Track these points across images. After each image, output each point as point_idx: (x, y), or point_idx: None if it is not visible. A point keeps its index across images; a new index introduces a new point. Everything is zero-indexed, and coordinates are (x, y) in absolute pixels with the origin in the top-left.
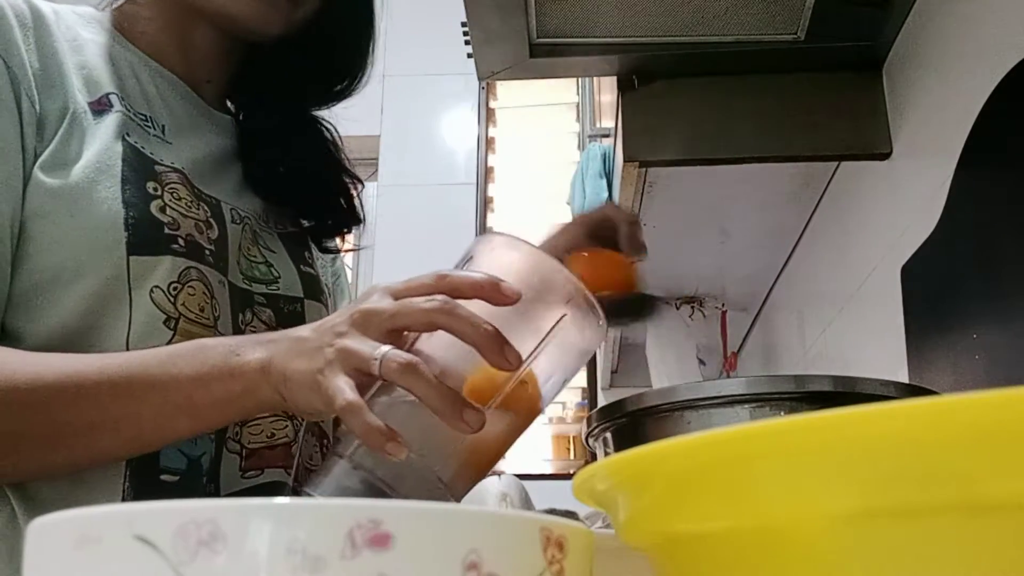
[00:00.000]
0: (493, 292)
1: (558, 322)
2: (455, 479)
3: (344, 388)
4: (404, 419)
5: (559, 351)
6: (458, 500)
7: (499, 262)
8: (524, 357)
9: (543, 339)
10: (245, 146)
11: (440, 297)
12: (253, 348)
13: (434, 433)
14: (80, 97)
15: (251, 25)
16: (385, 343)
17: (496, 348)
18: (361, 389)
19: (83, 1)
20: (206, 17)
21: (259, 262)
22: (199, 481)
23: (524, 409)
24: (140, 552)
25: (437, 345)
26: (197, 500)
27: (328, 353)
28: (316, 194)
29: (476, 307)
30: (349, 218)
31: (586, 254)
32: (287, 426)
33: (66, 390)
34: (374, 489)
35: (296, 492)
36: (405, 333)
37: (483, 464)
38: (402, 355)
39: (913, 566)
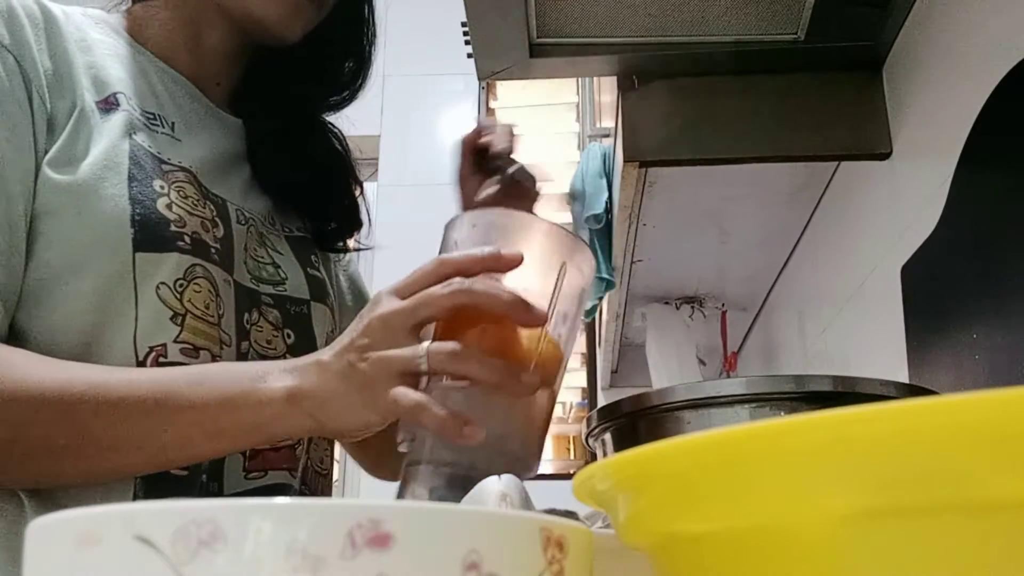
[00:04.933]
0: (496, 261)
1: (561, 270)
2: (526, 447)
3: (405, 392)
4: (462, 404)
5: (568, 296)
6: (537, 460)
7: (486, 236)
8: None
9: (555, 290)
10: (253, 147)
11: (455, 279)
12: (280, 375)
13: (492, 408)
14: (88, 96)
15: (276, 30)
16: (411, 342)
17: (523, 309)
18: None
19: (93, 3)
20: (229, 20)
21: (266, 263)
22: (198, 477)
23: (554, 363)
24: (140, 552)
25: (458, 331)
26: (197, 500)
27: (364, 368)
28: (321, 197)
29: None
30: (352, 222)
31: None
32: None
33: (92, 402)
34: (459, 479)
35: (303, 494)
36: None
37: (543, 426)
38: (446, 345)
39: (913, 566)
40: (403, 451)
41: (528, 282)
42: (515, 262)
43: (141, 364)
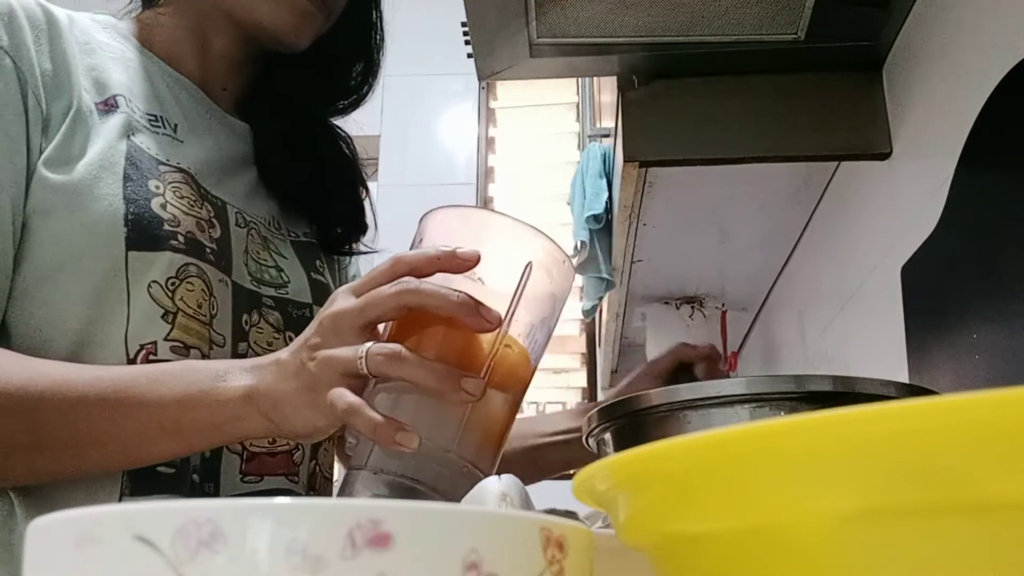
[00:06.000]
0: (451, 260)
1: (525, 271)
2: (477, 456)
3: (341, 393)
4: (407, 410)
5: (534, 301)
6: (488, 474)
7: (450, 233)
8: (502, 315)
9: (516, 291)
10: (260, 150)
11: (403, 279)
12: (239, 375)
13: (440, 415)
14: (87, 97)
15: (285, 37)
16: (361, 342)
17: (472, 311)
18: (355, 393)
19: (101, 8)
20: (237, 27)
21: (269, 266)
22: (187, 475)
23: (518, 370)
24: (140, 552)
25: (412, 333)
26: (197, 500)
27: (311, 367)
28: (328, 200)
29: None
30: (358, 225)
31: None
32: None
33: (54, 399)
34: (402, 488)
35: None
36: (380, 330)
37: (498, 435)
38: (385, 346)
39: (913, 566)
40: (349, 454)
41: (494, 284)
42: (471, 262)
43: (132, 362)
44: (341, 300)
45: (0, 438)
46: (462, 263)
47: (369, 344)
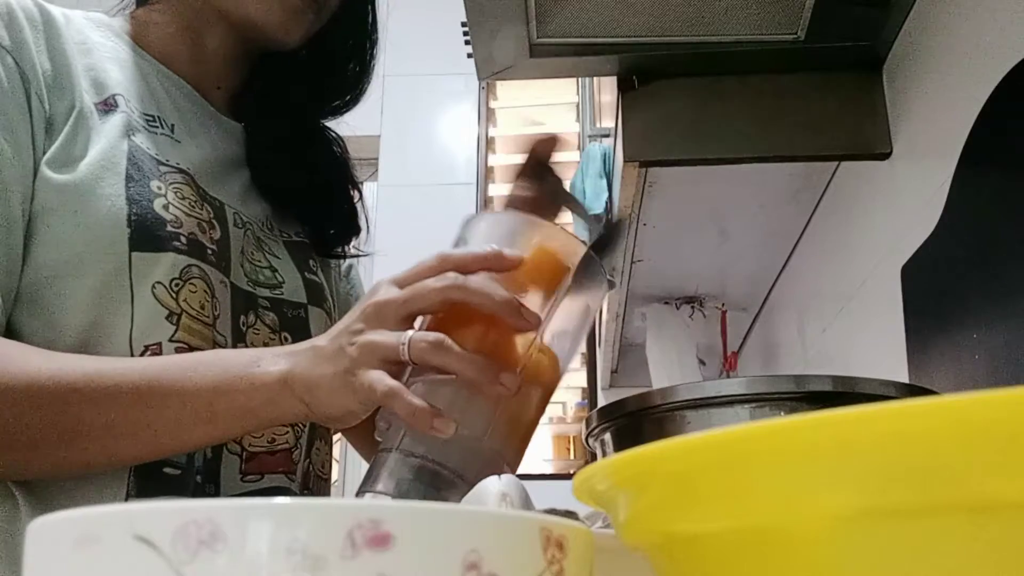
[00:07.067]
0: (497, 261)
1: (565, 277)
2: (504, 448)
3: (381, 377)
4: (442, 399)
5: (568, 308)
6: (513, 469)
7: (494, 236)
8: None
9: (554, 295)
10: (252, 152)
11: (450, 275)
12: (274, 359)
13: (473, 406)
14: (87, 97)
15: (274, 34)
16: (401, 331)
17: (514, 311)
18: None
19: (96, 6)
20: (228, 24)
21: (264, 267)
22: (192, 476)
23: (548, 373)
24: (140, 552)
25: (450, 327)
26: (197, 500)
27: (351, 352)
28: (319, 203)
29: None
30: (350, 228)
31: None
32: (288, 432)
33: (86, 389)
34: (429, 472)
35: None
36: (417, 323)
37: (525, 432)
38: (428, 335)
39: (913, 566)
40: (378, 439)
41: (530, 288)
42: (515, 263)
43: None
44: (384, 290)
45: (30, 431)
46: (507, 264)
47: (411, 332)
